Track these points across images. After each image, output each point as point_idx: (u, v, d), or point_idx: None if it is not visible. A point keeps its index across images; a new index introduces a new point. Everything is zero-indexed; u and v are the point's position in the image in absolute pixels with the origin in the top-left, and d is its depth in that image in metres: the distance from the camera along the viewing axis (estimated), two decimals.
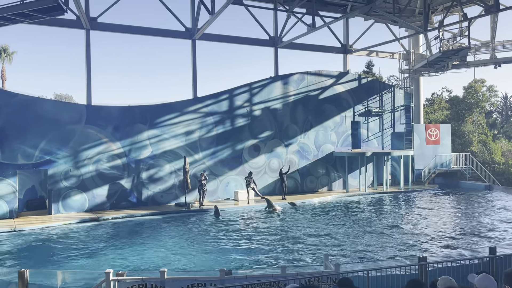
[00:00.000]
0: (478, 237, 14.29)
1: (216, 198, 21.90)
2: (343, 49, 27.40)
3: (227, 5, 18.01)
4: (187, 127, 21.45)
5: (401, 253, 12.34)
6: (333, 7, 24.75)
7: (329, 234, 14.80)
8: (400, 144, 27.25)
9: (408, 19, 26.15)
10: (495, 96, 40.81)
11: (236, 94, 22.88)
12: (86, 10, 19.54)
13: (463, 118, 34.27)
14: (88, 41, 19.91)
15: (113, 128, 19.74)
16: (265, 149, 23.51)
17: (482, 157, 32.30)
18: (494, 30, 28.26)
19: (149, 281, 7.43)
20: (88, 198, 19.14)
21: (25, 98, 18.19)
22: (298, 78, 24.73)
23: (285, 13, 23.43)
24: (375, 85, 27.66)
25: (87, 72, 19.93)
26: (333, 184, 25.61)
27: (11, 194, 17.69)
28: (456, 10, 25.69)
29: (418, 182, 27.52)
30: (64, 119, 18.75)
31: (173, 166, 20.99)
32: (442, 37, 25.84)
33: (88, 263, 11.73)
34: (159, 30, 22.04)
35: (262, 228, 15.87)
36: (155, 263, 11.51)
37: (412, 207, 20.56)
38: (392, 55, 29.96)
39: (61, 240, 14.38)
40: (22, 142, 17.88)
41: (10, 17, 14.32)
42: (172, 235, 14.92)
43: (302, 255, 12.21)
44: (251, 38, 24.68)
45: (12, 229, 15.55)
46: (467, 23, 23.93)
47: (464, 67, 29.02)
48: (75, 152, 18.91)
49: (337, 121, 25.86)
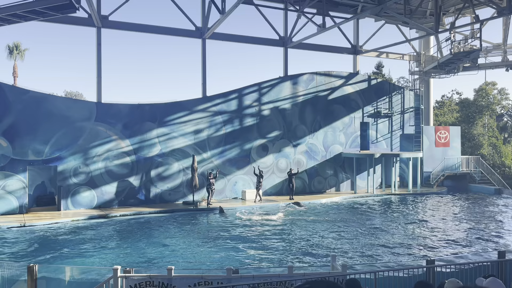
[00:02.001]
0: (487, 240, 14.17)
1: (223, 197, 21.95)
2: (353, 50, 27.30)
3: (238, 5, 18.04)
4: (196, 126, 21.52)
5: (409, 255, 12.28)
6: (344, 8, 24.67)
7: (336, 234, 14.76)
8: (409, 146, 27.09)
9: (419, 20, 25.98)
10: (506, 99, 40.39)
11: (245, 94, 22.90)
12: (98, 8, 19.67)
13: (474, 121, 33.99)
14: (99, 39, 20.05)
15: (123, 125, 19.85)
16: (273, 149, 23.51)
17: (492, 160, 32.02)
18: (506, 33, 27.97)
19: (156, 279, 7.45)
20: (97, 195, 19.27)
21: (36, 95, 18.37)
22: (307, 79, 24.69)
23: (295, 13, 23.37)
24: (384, 87, 27.53)
25: (97, 69, 20.08)
26: (341, 185, 25.53)
27: (21, 189, 17.87)
28: (468, 12, 25.47)
29: (426, 185, 27.34)
30: (74, 116, 18.90)
31: (182, 164, 21.06)
32: (453, 39, 25.63)
33: (96, 259, 11.81)
34: (170, 28, 22.13)
35: (270, 228, 15.87)
36: (162, 261, 11.56)
37: (420, 209, 20.43)
38: (403, 56, 29.78)
39: (69, 236, 14.49)
40: (33, 138, 18.05)
41: (23, 15, 14.49)
42: (180, 233, 14.98)
43: (310, 256, 12.19)
44: (261, 37, 24.69)
45: (21, 224, 15.72)
46: (479, 25, 23.72)
47: (475, 69, 28.77)
48: (84, 149, 19.05)
49: (346, 122, 25.78)
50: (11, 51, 47.04)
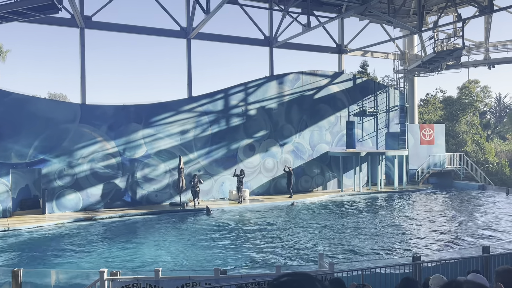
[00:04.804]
0: (472, 236, 14.37)
1: (211, 197, 21.88)
2: (338, 49, 27.45)
3: (222, 5, 17.99)
4: (182, 127, 21.41)
5: (396, 252, 12.39)
6: (328, 7, 24.79)
7: (324, 233, 14.83)
8: (395, 144, 27.35)
9: (403, 19, 26.25)
10: (488, 96, 41.14)
11: (231, 94, 22.87)
12: (81, 8, 19.45)
13: (457, 119, 34.44)
14: (82, 40, 19.82)
15: (108, 127, 19.67)
16: (260, 149, 23.51)
17: (475, 157, 32.49)
18: (488, 31, 28.42)
19: (144, 281, 7.41)
20: (82, 197, 19.06)
21: (19, 97, 18.09)
22: (293, 78, 24.76)
23: (280, 13, 23.44)
24: (369, 85, 27.74)
25: (81, 71, 19.85)
26: (328, 183, 25.65)
27: (4, 193, 17.58)
28: (451, 11, 25.81)
29: (412, 182, 27.63)
30: (58, 118, 18.66)
31: (168, 165, 20.94)
32: (436, 38, 25.96)
33: (82, 262, 11.68)
34: (154, 29, 21.99)
35: (258, 227, 15.88)
36: (149, 262, 11.48)
37: (407, 206, 20.64)
38: (387, 55, 30.06)
39: (54, 239, 14.31)
40: (15, 141, 17.78)
41: (4, 15, 14.24)
42: (166, 234, 14.90)
43: (297, 254, 12.22)
44: (246, 37, 24.68)
45: (5, 229, 15.46)
46: (461, 23, 24.06)
47: (458, 67, 29.18)
48: (69, 151, 18.82)
49: (332, 121, 25.91)
50: None
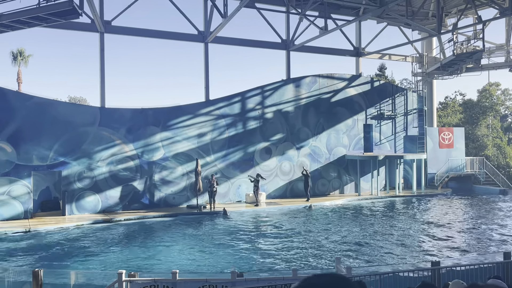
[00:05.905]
0: (493, 241, 14.10)
1: (227, 200, 21.94)
2: (356, 52, 27.30)
3: (240, 9, 18.11)
4: (199, 130, 21.55)
5: (415, 257, 12.23)
6: (346, 10, 24.70)
7: (342, 237, 14.73)
8: (413, 148, 27.03)
9: (421, 21, 25.97)
10: (510, 99, 40.32)
11: (248, 97, 22.94)
12: (101, 13, 19.77)
13: (477, 122, 33.88)
14: (102, 44, 20.14)
15: (126, 130, 19.91)
16: (276, 152, 23.50)
17: (496, 161, 31.90)
18: (509, 33, 27.92)
19: (161, 282, 7.46)
20: (101, 199, 19.32)
21: (40, 100, 18.46)
22: (310, 81, 24.70)
23: (297, 16, 23.42)
24: (387, 88, 27.50)
25: (101, 74, 20.17)
26: (345, 187, 25.48)
27: (26, 195, 17.94)
28: (470, 13, 25.43)
29: (431, 186, 27.25)
30: (78, 121, 18.98)
31: (185, 168, 21.08)
32: (456, 40, 25.60)
33: (101, 263, 11.83)
34: (172, 33, 22.20)
35: (275, 230, 15.86)
36: (167, 264, 11.57)
37: (425, 211, 20.36)
38: (405, 58, 29.75)
39: (74, 240, 14.53)
40: (37, 143, 18.13)
41: (26, 21, 14.58)
42: (184, 237, 14.99)
43: (315, 258, 12.17)
44: (263, 41, 24.74)
45: (26, 230, 15.76)
46: (482, 25, 23.67)
47: (478, 70, 28.71)
48: (88, 154, 19.11)
49: (349, 124, 25.75)
50: (15, 58, 47.34)
